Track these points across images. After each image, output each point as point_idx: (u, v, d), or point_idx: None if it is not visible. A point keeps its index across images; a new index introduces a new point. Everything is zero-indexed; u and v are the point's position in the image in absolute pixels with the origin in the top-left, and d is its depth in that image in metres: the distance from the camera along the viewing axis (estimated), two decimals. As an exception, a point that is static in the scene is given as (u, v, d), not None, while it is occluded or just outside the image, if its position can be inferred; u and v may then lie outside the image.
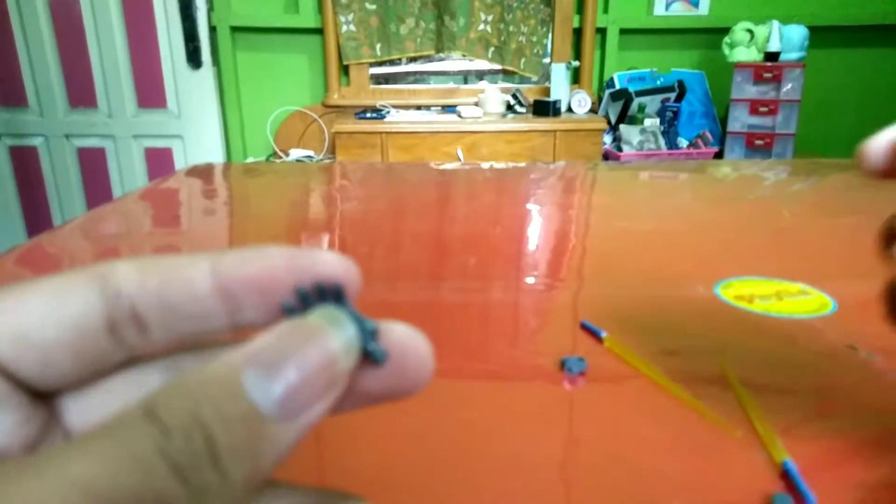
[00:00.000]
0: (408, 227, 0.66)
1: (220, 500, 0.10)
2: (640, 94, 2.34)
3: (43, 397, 0.14)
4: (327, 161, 2.39)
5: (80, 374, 0.14)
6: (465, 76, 2.60)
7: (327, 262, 0.14)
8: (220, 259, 0.14)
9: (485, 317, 0.44)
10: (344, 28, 2.36)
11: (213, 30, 2.34)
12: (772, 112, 2.23)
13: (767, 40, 2.22)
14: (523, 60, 2.46)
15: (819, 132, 2.57)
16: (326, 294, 0.13)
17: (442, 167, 0.95)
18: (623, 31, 2.47)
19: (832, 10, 2.45)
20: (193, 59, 2.29)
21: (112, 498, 0.09)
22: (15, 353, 0.13)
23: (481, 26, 2.39)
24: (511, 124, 2.19)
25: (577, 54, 2.49)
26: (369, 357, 0.13)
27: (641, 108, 2.32)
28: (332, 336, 0.12)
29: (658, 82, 2.43)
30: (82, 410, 0.14)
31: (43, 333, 0.13)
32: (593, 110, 2.39)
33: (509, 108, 2.35)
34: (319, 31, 2.39)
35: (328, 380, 0.12)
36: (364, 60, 2.42)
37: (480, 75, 2.58)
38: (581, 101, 2.31)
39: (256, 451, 0.11)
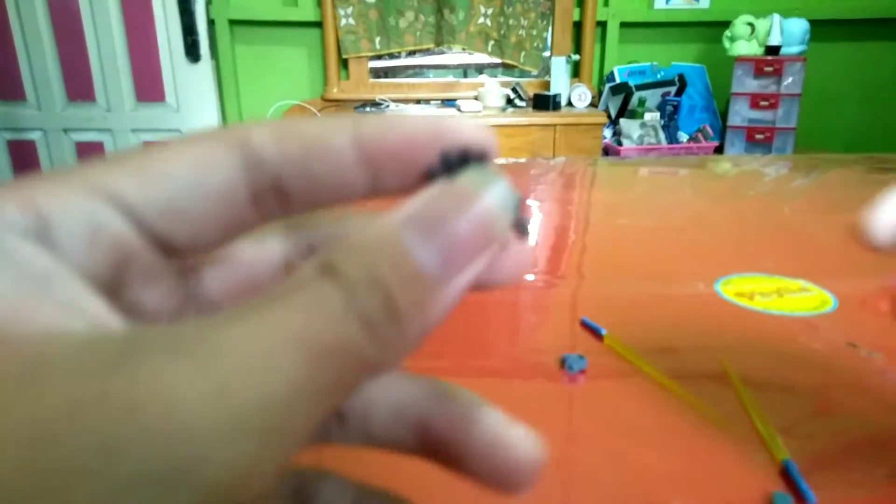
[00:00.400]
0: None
1: (395, 356, 0.11)
2: (640, 87, 2.33)
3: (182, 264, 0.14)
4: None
5: (221, 243, 0.14)
6: (465, 70, 2.59)
7: (469, 130, 0.14)
8: (361, 126, 0.14)
9: (484, 314, 0.43)
10: (343, 21, 2.35)
11: (211, 23, 2.33)
12: (772, 106, 2.23)
13: (768, 34, 2.21)
14: (523, 54, 2.45)
15: (820, 126, 2.56)
16: (469, 161, 0.14)
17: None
18: (623, 25, 2.46)
19: (833, 3, 2.44)
20: (192, 52, 2.28)
21: (319, 349, 0.10)
22: (166, 225, 0.13)
23: (481, 19, 2.38)
24: (511, 118, 2.18)
25: (578, 48, 2.48)
26: (515, 225, 0.13)
27: (641, 102, 2.32)
28: (488, 196, 0.12)
29: (658, 76, 2.42)
30: (214, 276, 0.15)
31: (192, 205, 0.13)
32: (593, 104, 2.38)
33: (509, 101, 2.34)
34: (318, 25, 2.38)
35: (485, 238, 0.12)
36: (363, 54, 2.41)
37: (480, 69, 2.57)
38: (581, 95, 2.30)
39: (424, 309, 0.11)
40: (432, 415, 0.15)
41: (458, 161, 0.14)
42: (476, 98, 2.35)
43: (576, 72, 2.46)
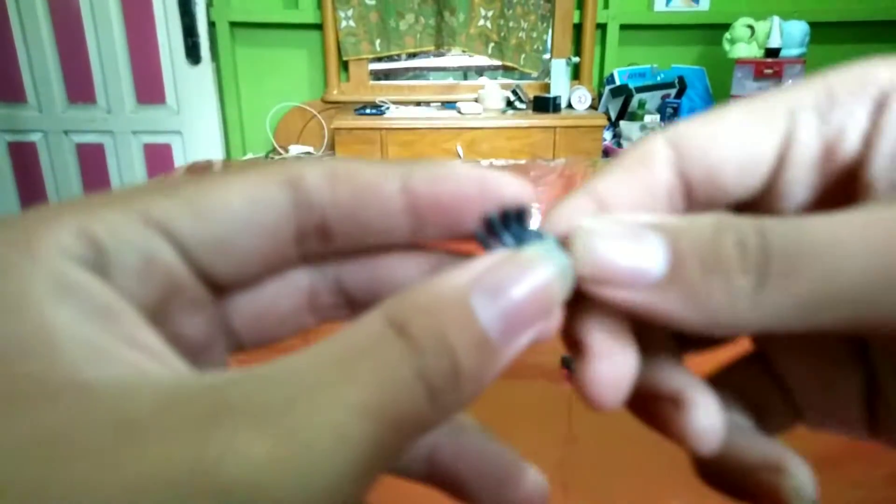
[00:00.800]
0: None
1: (449, 416, 0.11)
2: (640, 90, 2.33)
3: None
4: (327, 157, 2.38)
5: (260, 277, 0.15)
6: (465, 72, 2.59)
7: (511, 186, 0.15)
8: (411, 175, 0.14)
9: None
10: (343, 23, 2.35)
11: (212, 25, 2.33)
12: (772, 108, 2.23)
13: (768, 36, 2.21)
14: (523, 56, 2.45)
15: (819, 128, 2.56)
16: (511, 218, 0.14)
17: (442, 164, 0.95)
18: (623, 27, 2.47)
19: (833, 5, 2.45)
20: (192, 54, 2.29)
21: (388, 420, 0.10)
22: (214, 259, 0.13)
23: (481, 22, 2.39)
24: (511, 120, 2.19)
25: (578, 50, 2.48)
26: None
27: (642, 105, 2.32)
28: (549, 269, 0.13)
29: (658, 78, 2.43)
30: (240, 305, 0.15)
31: (240, 241, 0.13)
32: (593, 106, 2.38)
33: (509, 104, 2.34)
34: (319, 27, 2.38)
35: (544, 308, 0.12)
36: (363, 56, 2.41)
37: (480, 71, 2.57)
38: (581, 98, 2.31)
39: (483, 374, 0.11)
40: (442, 446, 0.16)
41: (499, 220, 0.14)
42: (476, 100, 2.35)
43: (576, 74, 2.46)
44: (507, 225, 0.14)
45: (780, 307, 0.12)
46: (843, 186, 0.15)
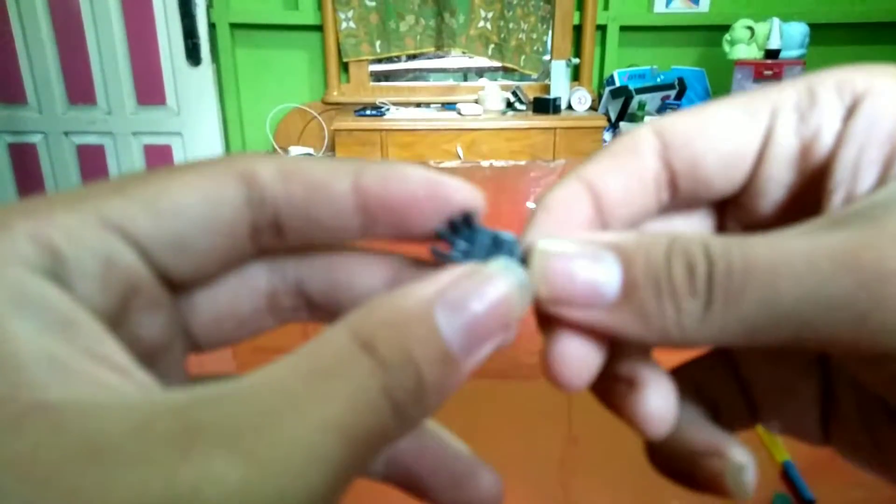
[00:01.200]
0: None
1: (412, 429, 0.11)
2: (640, 91, 2.33)
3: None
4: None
5: (216, 275, 0.15)
6: (465, 73, 2.59)
7: (460, 190, 0.15)
8: (363, 174, 0.14)
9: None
10: (343, 25, 2.35)
11: (212, 26, 2.33)
12: (772, 110, 2.23)
13: (768, 38, 2.21)
14: (523, 57, 2.46)
15: (819, 130, 2.56)
16: (460, 222, 0.15)
17: (441, 165, 0.95)
18: (623, 29, 2.47)
19: (832, 7, 2.45)
20: (193, 55, 2.29)
21: (356, 436, 0.10)
22: (173, 258, 0.13)
23: (481, 23, 2.39)
24: (511, 122, 2.19)
25: (578, 51, 2.49)
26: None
27: (641, 106, 2.32)
28: (510, 285, 0.13)
29: (658, 80, 2.43)
30: (198, 305, 0.15)
31: (198, 240, 0.13)
32: (593, 108, 2.39)
33: (509, 105, 2.34)
34: (319, 28, 2.38)
35: (504, 323, 0.13)
36: (364, 57, 2.41)
37: (480, 72, 2.57)
38: (581, 99, 2.31)
39: (445, 387, 0.12)
40: (402, 448, 0.16)
41: (450, 226, 0.15)
42: (476, 101, 2.35)
43: (576, 75, 2.46)
44: (457, 232, 0.15)
45: (725, 327, 0.13)
46: (816, 187, 0.16)
